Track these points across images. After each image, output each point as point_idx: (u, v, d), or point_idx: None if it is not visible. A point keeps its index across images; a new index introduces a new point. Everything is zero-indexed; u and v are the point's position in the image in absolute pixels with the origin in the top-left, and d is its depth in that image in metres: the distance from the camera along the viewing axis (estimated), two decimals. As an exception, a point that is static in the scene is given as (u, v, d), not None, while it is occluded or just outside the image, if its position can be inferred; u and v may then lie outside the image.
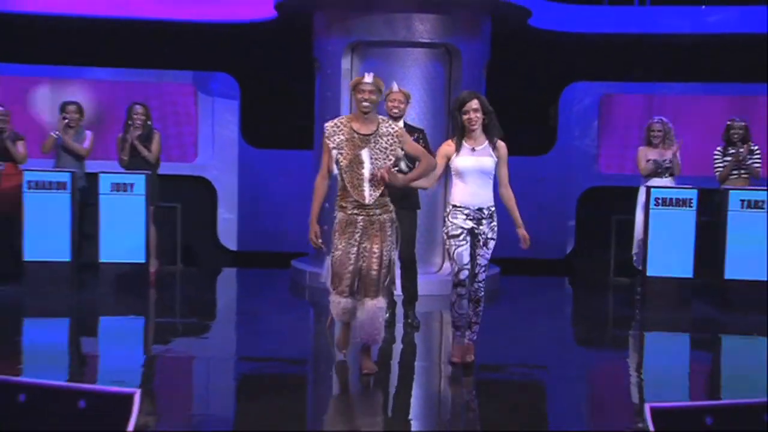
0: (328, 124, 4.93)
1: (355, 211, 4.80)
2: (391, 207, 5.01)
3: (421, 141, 8.05)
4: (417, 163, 5.15)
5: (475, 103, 4.81)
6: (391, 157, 4.84)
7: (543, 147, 11.11)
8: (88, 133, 9.63)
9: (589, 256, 10.99)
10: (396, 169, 8.70)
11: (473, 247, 5.05)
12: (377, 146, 4.73)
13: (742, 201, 8.68)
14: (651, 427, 5.04)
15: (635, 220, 9.31)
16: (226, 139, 11.46)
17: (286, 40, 10.51)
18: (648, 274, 8.84)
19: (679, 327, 8.54)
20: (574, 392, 6.70)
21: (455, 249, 4.97)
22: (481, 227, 4.98)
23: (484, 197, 4.99)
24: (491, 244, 5.09)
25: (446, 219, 5.12)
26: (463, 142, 4.95)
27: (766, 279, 8.64)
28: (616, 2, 11.08)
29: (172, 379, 6.70)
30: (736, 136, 9.04)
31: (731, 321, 8.44)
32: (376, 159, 4.72)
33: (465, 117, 4.85)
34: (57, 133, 9.59)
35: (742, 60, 10.81)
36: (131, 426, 4.84)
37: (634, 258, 9.38)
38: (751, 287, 8.56)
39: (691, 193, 8.74)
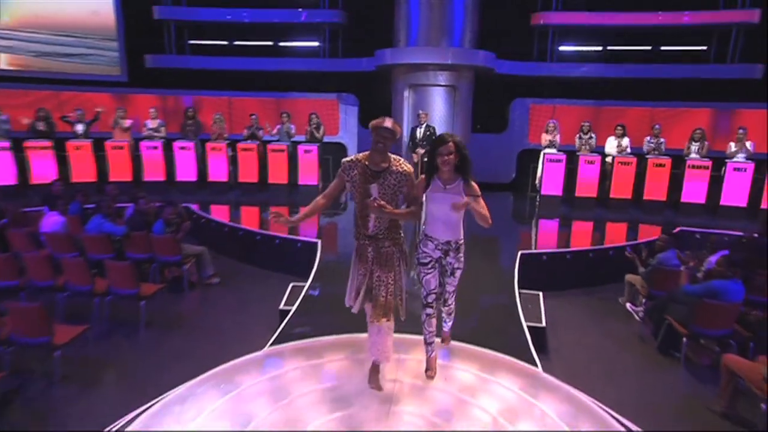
0: (345, 160, 3.29)
1: (366, 242, 3.30)
2: (402, 240, 3.39)
3: (431, 134, 8.58)
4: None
5: (450, 147, 3.08)
6: (398, 193, 3.21)
7: (501, 129, 11.36)
8: (292, 126, 10.32)
9: (519, 182, 11.06)
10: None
11: (442, 275, 3.43)
12: (386, 182, 3.15)
13: (586, 160, 9.37)
14: (517, 262, 6.21)
15: (539, 167, 9.87)
16: (351, 124, 11.83)
17: (379, 79, 10.85)
18: (542, 192, 9.69)
19: (553, 216, 9.27)
20: (507, 246, 7.65)
21: (424, 276, 3.40)
22: (448, 258, 3.33)
23: (453, 231, 3.29)
24: (458, 273, 3.40)
25: (419, 246, 3.42)
26: (436, 178, 3.22)
27: (594, 196, 9.44)
28: (539, 60, 11.23)
29: (327, 237, 7.90)
30: (585, 128, 9.56)
31: (579, 215, 9.15)
32: (383, 194, 3.16)
33: (439, 159, 3.12)
34: (278, 127, 10.20)
35: (595, 87, 10.99)
36: (318, 255, 6.37)
37: (538, 185, 9.89)
38: (588, 200, 9.45)
39: (563, 155, 9.53)
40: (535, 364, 4.04)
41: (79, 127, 9.71)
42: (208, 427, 3.22)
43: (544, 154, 9.66)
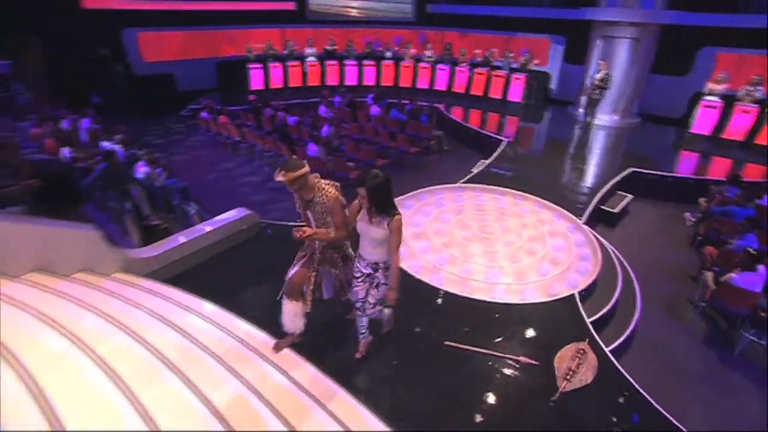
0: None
1: (315, 246, 3.17)
2: (344, 247, 3.22)
3: (606, 78, 8.90)
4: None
5: (362, 191, 2.77)
6: (327, 218, 2.98)
7: (682, 72, 10.16)
8: (512, 58, 10.99)
9: (685, 119, 9.78)
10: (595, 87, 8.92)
11: (369, 286, 3.12)
12: (315, 210, 2.99)
13: (743, 109, 8.58)
14: (623, 173, 6.49)
15: (696, 109, 9.01)
16: (557, 59, 11.74)
17: (582, 27, 10.30)
18: (692, 131, 9.06)
19: (696, 150, 8.51)
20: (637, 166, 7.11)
21: (354, 286, 3.15)
22: (376, 274, 3.04)
23: (378, 256, 2.98)
24: (382, 288, 3.07)
25: (355, 261, 3.14)
26: (364, 211, 2.91)
27: (741, 140, 8.57)
28: (731, 12, 9.10)
29: (516, 137, 8.53)
30: (755, 80, 8.30)
31: (719, 153, 8.33)
32: (317, 218, 3.02)
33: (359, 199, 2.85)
34: (502, 59, 10.80)
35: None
36: (501, 147, 7.67)
37: (690, 123, 9.06)
38: (733, 142, 8.61)
39: (719, 102, 8.82)
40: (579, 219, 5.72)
41: (389, 53, 12.61)
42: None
43: (702, 99, 9.08)
